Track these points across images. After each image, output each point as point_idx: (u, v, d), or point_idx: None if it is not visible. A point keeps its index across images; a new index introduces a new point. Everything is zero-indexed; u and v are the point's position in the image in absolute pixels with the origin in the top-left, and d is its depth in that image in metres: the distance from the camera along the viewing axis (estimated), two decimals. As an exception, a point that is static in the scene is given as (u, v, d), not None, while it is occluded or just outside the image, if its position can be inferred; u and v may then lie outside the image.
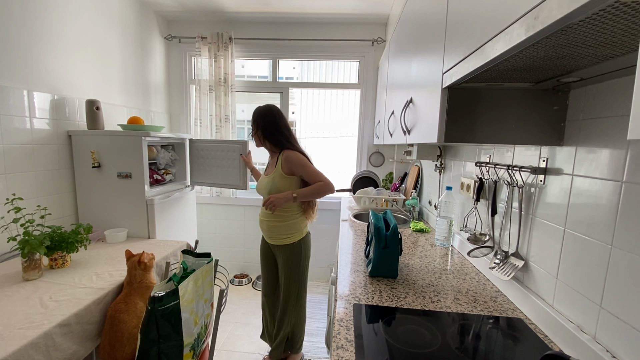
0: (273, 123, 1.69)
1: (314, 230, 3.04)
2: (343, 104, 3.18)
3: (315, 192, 1.63)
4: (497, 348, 0.85)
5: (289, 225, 1.70)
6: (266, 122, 1.69)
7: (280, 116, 1.72)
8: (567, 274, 0.86)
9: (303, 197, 1.63)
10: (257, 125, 1.71)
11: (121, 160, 1.92)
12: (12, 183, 1.61)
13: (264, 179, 1.74)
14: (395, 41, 1.95)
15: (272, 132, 1.69)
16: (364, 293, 1.11)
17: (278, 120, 1.70)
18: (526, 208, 1.04)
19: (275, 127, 1.69)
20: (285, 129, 1.72)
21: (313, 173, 1.65)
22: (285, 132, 1.71)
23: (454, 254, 1.54)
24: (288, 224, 1.70)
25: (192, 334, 1.27)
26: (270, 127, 1.69)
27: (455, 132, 0.94)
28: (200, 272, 1.39)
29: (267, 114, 1.70)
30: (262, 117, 1.70)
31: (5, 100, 1.56)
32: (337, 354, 0.79)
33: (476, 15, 0.71)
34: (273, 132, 1.69)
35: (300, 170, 1.64)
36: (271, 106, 1.73)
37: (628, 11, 0.41)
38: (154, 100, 2.76)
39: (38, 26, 1.71)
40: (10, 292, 1.23)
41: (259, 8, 2.59)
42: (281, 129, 1.70)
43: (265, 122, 1.69)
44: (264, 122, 1.69)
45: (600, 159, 0.77)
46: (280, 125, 1.71)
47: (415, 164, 2.51)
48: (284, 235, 1.71)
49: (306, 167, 1.64)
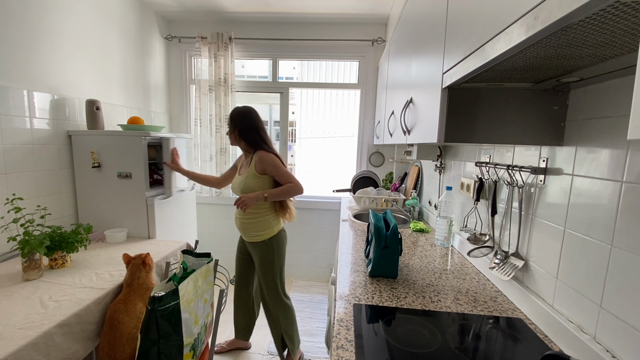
0: (250, 124, 1.75)
1: (314, 230, 3.05)
2: (343, 104, 3.17)
3: (285, 192, 1.71)
4: (497, 348, 0.85)
5: (261, 222, 1.75)
6: (244, 122, 1.75)
7: (257, 118, 1.78)
8: (567, 274, 0.86)
9: (273, 197, 1.70)
10: (234, 125, 1.76)
11: (121, 160, 1.92)
12: (12, 183, 1.61)
13: (238, 178, 1.81)
14: (395, 41, 1.95)
15: (248, 132, 1.75)
16: (364, 293, 1.11)
17: (255, 122, 1.77)
18: (526, 208, 1.04)
19: (252, 128, 1.75)
20: (262, 131, 1.78)
21: (284, 174, 1.72)
22: (261, 133, 1.78)
23: (454, 254, 1.54)
24: (260, 221, 1.75)
25: (192, 334, 1.27)
26: (248, 127, 1.75)
27: (455, 132, 0.94)
28: (200, 272, 1.39)
29: (245, 115, 1.76)
30: (240, 118, 1.75)
31: (5, 100, 1.56)
32: (337, 354, 0.79)
33: (476, 15, 0.71)
34: (250, 132, 1.75)
35: (272, 171, 1.71)
36: (250, 108, 1.80)
37: (628, 11, 0.41)
38: (154, 100, 2.76)
39: (38, 26, 1.71)
40: (10, 292, 1.23)
41: (259, 8, 2.59)
42: (258, 130, 1.76)
43: (243, 122, 1.75)
44: (242, 122, 1.75)
45: (600, 159, 0.77)
46: (257, 126, 1.77)
47: (415, 164, 2.51)
48: (256, 232, 1.76)
49: (278, 168, 1.71)
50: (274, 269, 1.80)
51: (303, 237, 3.07)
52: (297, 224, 3.05)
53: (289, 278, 3.10)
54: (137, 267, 1.36)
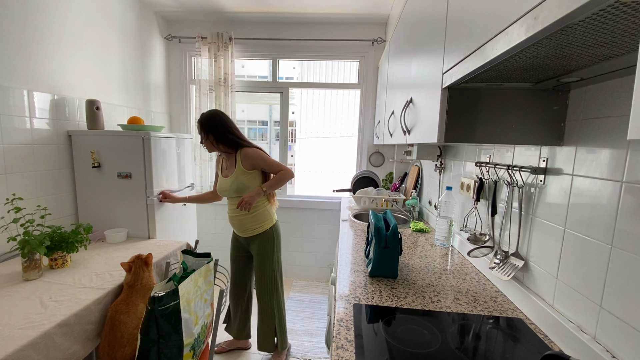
0: (223, 126, 1.75)
1: (314, 230, 3.05)
2: (343, 104, 3.18)
3: (280, 180, 1.76)
4: (497, 348, 0.85)
5: (259, 214, 1.79)
6: (216, 126, 1.74)
7: (226, 118, 1.78)
8: (567, 274, 0.86)
9: (271, 188, 1.76)
10: (206, 132, 1.74)
11: (121, 160, 1.92)
12: (12, 183, 1.61)
13: (226, 181, 1.79)
14: (395, 41, 1.95)
15: (224, 134, 1.74)
16: (364, 293, 1.11)
17: (226, 123, 1.76)
18: (526, 208, 1.04)
19: (225, 129, 1.75)
20: (235, 129, 1.79)
21: (273, 164, 1.76)
22: (236, 132, 1.78)
23: (454, 254, 1.54)
24: (258, 214, 1.79)
25: (192, 334, 1.27)
26: (222, 130, 1.74)
27: (455, 132, 0.94)
28: (200, 272, 1.39)
29: (214, 119, 1.75)
30: (210, 123, 1.74)
31: (5, 100, 1.56)
32: (337, 354, 0.79)
33: (476, 15, 0.71)
34: (224, 134, 1.74)
35: (261, 164, 1.75)
36: (216, 111, 1.80)
37: (628, 11, 0.41)
38: (154, 100, 2.76)
39: (38, 26, 1.71)
40: (10, 292, 1.23)
41: (259, 8, 2.59)
42: (231, 130, 1.77)
43: (215, 126, 1.74)
44: (214, 127, 1.74)
45: (600, 159, 0.77)
46: (229, 126, 1.77)
47: (415, 164, 2.51)
48: (256, 225, 1.80)
49: (266, 160, 1.75)
50: (274, 260, 1.83)
51: (303, 237, 3.07)
52: (297, 224, 3.05)
53: (289, 278, 3.10)
54: (140, 268, 1.36)
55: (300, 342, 2.15)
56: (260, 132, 4.22)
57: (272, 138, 3.35)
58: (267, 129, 3.51)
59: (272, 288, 1.84)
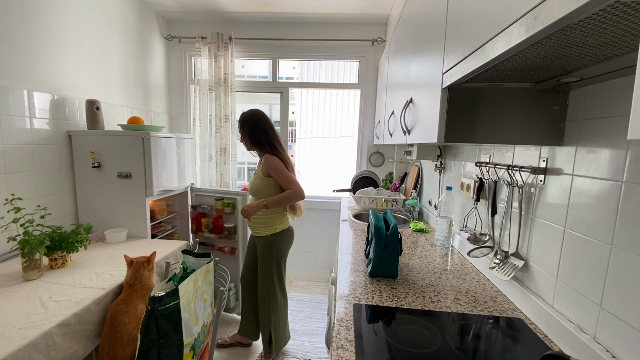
0: (258, 126, 1.78)
1: (314, 230, 3.04)
2: (343, 104, 3.18)
3: (284, 199, 1.75)
4: (497, 348, 0.85)
5: (265, 219, 1.82)
6: (250, 126, 1.78)
7: (263, 119, 1.80)
8: (567, 274, 0.86)
9: (274, 205, 1.75)
10: (243, 130, 1.80)
11: (121, 160, 1.92)
12: (12, 183, 1.61)
13: (252, 179, 1.87)
14: (395, 41, 1.95)
15: (255, 134, 1.77)
16: (364, 293, 1.11)
17: (261, 124, 1.78)
18: (526, 208, 1.04)
19: (258, 130, 1.78)
20: (268, 132, 1.79)
21: (285, 179, 1.74)
22: (268, 135, 1.79)
23: (454, 254, 1.54)
24: (264, 218, 1.82)
25: (192, 334, 1.27)
26: (255, 130, 1.77)
27: (455, 132, 0.94)
28: (200, 272, 1.39)
29: (251, 118, 1.79)
30: (246, 121, 1.79)
31: (5, 100, 1.56)
32: (337, 354, 0.79)
33: (476, 15, 0.71)
34: (255, 134, 1.77)
35: (275, 175, 1.75)
36: (255, 110, 1.83)
37: (628, 11, 0.41)
38: (154, 100, 2.76)
39: (38, 26, 1.71)
40: (10, 292, 1.23)
41: (259, 8, 2.59)
42: (264, 132, 1.78)
43: (249, 126, 1.78)
44: (248, 126, 1.78)
45: (600, 159, 0.77)
46: (263, 128, 1.78)
47: (415, 164, 2.51)
48: (258, 226, 1.85)
49: (280, 172, 1.74)
50: (272, 266, 1.85)
51: (303, 237, 3.06)
52: (297, 224, 3.03)
53: (289, 278, 3.10)
54: (142, 265, 1.36)
55: (300, 342, 2.15)
56: (260, 132, 4.20)
57: (273, 138, 3.36)
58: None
59: (269, 294, 1.86)
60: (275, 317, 1.88)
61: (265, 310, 1.87)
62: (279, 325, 1.91)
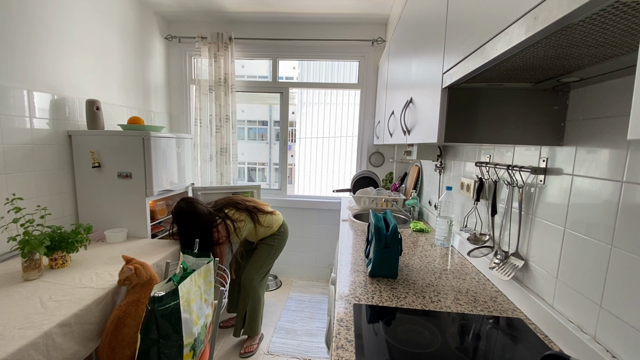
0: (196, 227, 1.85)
1: (314, 230, 3.04)
2: (343, 104, 3.18)
3: None
4: (497, 348, 0.85)
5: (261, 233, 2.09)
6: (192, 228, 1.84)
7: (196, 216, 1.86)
8: (567, 274, 0.86)
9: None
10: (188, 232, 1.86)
11: (121, 160, 1.92)
12: (12, 183, 1.61)
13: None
14: (395, 41, 1.95)
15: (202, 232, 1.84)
16: (364, 293, 1.11)
17: (198, 225, 1.85)
18: (526, 208, 1.04)
19: (197, 232, 1.83)
20: (200, 225, 1.85)
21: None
22: (202, 228, 1.85)
23: (454, 254, 1.54)
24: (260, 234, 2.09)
25: (192, 334, 1.27)
26: (194, 232, 1.83)
27: (455, 132, 0.94)
28: (200, 272, 1.39)
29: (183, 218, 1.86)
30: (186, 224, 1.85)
31: (5, 100, 1.56)
32: (337, 354, 0.79)
33: (476, 15, 0.71)
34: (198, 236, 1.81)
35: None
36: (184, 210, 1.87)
37: (628, 11, 0.41)
38: (154, 100, 2.76)
39: (38, 26, 1.71)
40: (10, 292, 1.23)
41: (259, 8, 2.59)
42: (203, 230, 1.84)
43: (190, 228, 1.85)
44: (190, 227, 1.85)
45: (600, 159, 0.77)
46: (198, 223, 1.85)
47: (415, 164, 2.51)
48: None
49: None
50: (267, 262, 2.10)
51: (303, 237, 3.07)
52: (297, 224, 3.05)
53: (289, 278, 3.10)
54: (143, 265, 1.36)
55: (300, 342, 2.15)
56: (260, 132, 4.22)
57: (272, 138, 3.36)
58: (267, 129, 3.52)
59: (257, 278, 2.06)
60: (252, 303, 2.05)
61: (248, 294, 2.04)
62: (256, 313, 2.07)
